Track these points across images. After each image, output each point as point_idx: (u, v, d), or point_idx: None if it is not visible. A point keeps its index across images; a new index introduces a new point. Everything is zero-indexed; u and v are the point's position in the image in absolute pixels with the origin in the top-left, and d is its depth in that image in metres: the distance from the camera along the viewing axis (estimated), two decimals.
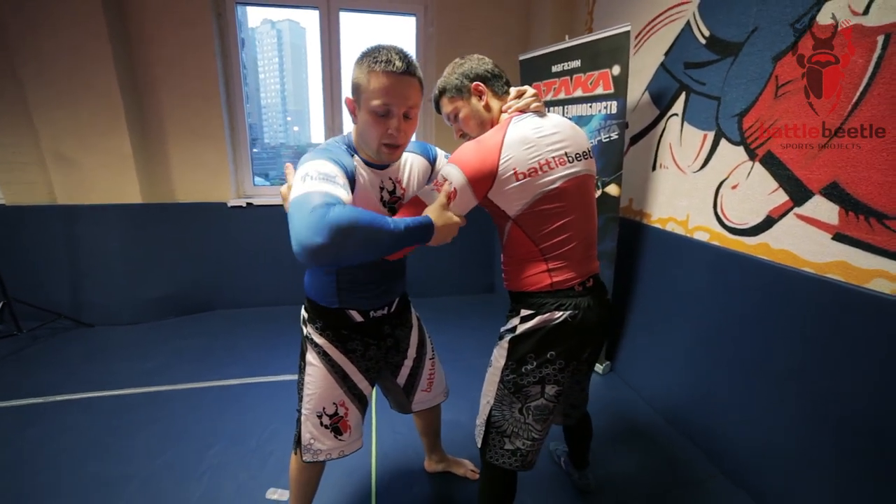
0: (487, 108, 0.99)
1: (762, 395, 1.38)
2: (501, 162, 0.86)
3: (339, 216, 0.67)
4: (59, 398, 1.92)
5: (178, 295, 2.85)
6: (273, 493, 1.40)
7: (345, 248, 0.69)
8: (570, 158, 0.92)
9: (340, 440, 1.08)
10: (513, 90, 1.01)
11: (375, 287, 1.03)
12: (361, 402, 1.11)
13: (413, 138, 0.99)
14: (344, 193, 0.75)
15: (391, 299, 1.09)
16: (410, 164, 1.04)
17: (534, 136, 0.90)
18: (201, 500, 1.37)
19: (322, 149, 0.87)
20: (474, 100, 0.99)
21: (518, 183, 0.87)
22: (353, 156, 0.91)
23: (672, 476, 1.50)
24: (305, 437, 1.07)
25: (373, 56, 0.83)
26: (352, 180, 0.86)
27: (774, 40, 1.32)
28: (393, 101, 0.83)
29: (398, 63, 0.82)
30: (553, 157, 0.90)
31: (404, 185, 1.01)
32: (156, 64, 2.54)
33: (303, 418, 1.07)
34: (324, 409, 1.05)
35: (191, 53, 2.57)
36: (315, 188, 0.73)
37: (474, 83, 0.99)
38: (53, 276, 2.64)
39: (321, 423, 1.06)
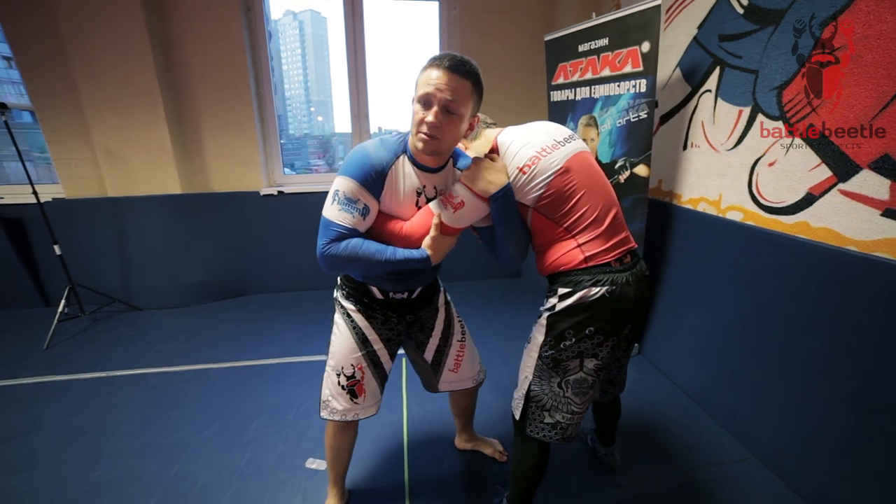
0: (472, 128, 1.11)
1: (795, 378, 1.34)
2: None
3: (339, 254, 0.91)
4: (117, 373, 2.10)
5: (216, 280, 3.01)
6: (312, 463, 1.50)
7: (344, 271, 1.03)
8: (560, 142, 0.99)
9: (356, 403, 1.14)
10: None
11: (394, 277, 1.06)
12: (378, 370, 1.16)
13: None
14: (360, 219, 0.93)
15: (412, 288, 1.12)
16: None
17: (521, 136, 0.98)
18: (248, 466, 1.49)
19: (363, 150, 0.95)
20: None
21: (526, 176, 0.95)
22: (401, 154, 0.97)
23: (700, 456, 1.50)
24: (325, 392, 1.15)
25: (431, 57, 0.90)
26: (383, 178, 0.94)
27: (822, 4, 1.24)
28: (433, 90, 0.87)
29: (447, 59, 0.88)
30: (547, 145, 0.97)
31: None
32: (191, 61, 2.65)
33: (325, 375, 1.15)
34: (342, 368, 1.12)
35: (222, 49, 2.66)
36: (335, 217, 0.93)
37: None
38: (107, 263, 2.84)
39: (339, 384, 1.12)
